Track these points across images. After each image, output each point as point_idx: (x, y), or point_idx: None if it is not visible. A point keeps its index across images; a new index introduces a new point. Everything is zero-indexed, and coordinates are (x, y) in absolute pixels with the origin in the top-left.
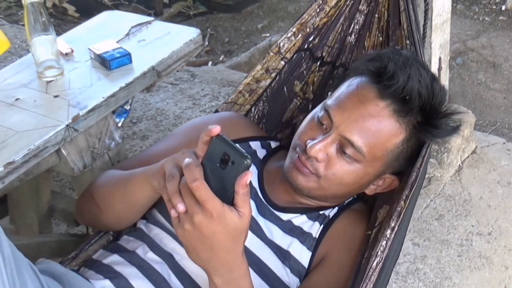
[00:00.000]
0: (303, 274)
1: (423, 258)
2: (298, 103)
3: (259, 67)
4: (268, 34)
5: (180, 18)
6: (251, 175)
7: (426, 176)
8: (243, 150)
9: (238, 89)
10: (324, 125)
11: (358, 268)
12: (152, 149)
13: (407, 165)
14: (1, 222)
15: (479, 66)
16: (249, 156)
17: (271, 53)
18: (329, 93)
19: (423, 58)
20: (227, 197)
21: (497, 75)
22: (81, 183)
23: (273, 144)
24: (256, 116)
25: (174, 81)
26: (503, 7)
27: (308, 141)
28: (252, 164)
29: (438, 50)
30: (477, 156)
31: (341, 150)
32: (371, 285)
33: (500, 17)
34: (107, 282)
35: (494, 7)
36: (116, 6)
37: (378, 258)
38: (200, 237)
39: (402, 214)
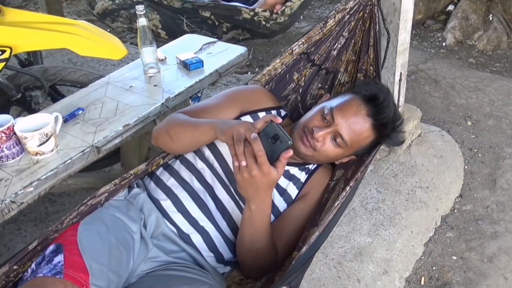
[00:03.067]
0: (290, 201)
1: (383, 200)
2: (293, 86)
3: (278, 60)
4: None
5: (233, 41)
6: (292, 153)
7: (387, 149)
8: (288, 136)
9: (263, 72)
10: (326, 120)
11: (320, 204)
12: (205, 103)
13: (364, 152)
14: (116, 166)
15: (426, 81)
16: (291, 140)
17: (287, 53)
18: (328, 94)
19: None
20: (272, 160)
21: (437, 87)
22: None
23: (283, 113)
24: (268, 89)
25: (226, 83)
26: (444, 44)
27: (315, 128)
28: None
29: (400, 68)
30: (422, 138)
31: (333, 139)
32: (331, 216)
33: (442, 50)
34: (169, 202)
35: (437, 43)
36: (192, 32)
37: (338, 202)
38: (252, 182)
39: (358, 180)
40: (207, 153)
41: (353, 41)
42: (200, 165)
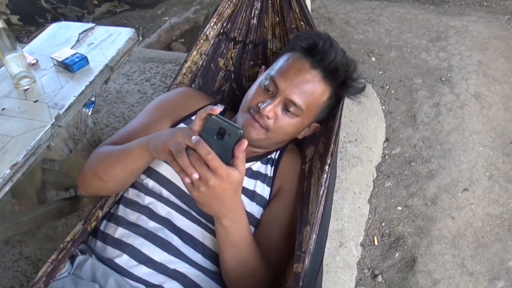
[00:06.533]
0: (265, 203)
1: None
2: (223, 75)
3: (195, 52)
4: (167, 18)
5: (109, 15)
6: (247, 143)
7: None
8: (236, 125)
9: (182, 72)
10: (270, 91)
11: (302, 194)
12: (130, 126)
13: (327, 115)
14: (4, 197)
15: (319, 21)
16: (242, 129)
17: (202, 41)
18: (263, 67)
19: None
20: (227, 160)
21: (332, 26)
22: (68, 163)
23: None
24: (195, 88)
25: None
26: None
27: (259, 103)
28: None
29: None
30: None
31: (285, 109)
32: (322, 208)
33: None
34: (125, 257)
35: None
36: (54, 9)
37: (323, 187)
38: (213, 194)
39: (334, 153)
40: (151, 183)
41: (270, 1)
42: (147, 200)
